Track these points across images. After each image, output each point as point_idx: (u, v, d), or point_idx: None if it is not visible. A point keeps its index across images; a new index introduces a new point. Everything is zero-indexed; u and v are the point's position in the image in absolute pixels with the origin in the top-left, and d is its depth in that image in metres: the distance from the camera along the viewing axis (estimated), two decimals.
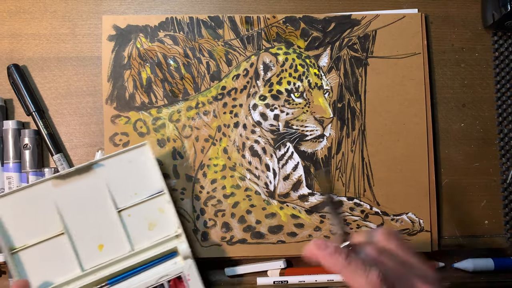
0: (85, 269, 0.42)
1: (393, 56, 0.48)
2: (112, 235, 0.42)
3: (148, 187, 0.43)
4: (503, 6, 0.46)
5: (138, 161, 0.43)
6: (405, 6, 0.50)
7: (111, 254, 0.42)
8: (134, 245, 0.43)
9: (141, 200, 0.43)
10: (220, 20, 0.48)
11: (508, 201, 0.49)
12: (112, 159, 0.43)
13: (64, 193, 0.42)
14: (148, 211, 0.43)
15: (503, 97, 0.50)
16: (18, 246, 0.41)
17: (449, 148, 0.49)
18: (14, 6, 0.48)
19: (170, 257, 0.43)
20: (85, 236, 0.42)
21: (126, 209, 0.43)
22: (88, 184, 0.42)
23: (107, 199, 0.42)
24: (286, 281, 0.46)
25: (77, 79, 0.48)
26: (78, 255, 0.42)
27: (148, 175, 0.43)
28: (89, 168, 0.42)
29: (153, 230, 0.43)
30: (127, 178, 0.43)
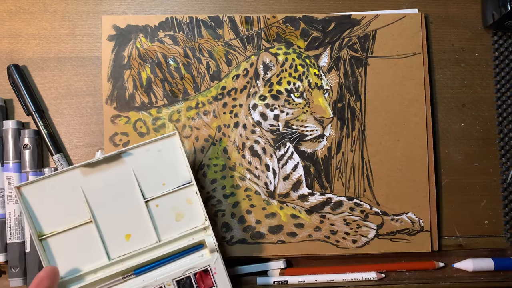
0: (112, 258, 0.41)
1: (393, 56, 0.48)
2: (140, 225, 0.42)
3: (176, 178, 0.43)
4: (503, 6, 0.46)
5: (166, 151, 0.43)
6: (405, 6, 0.50)
7: (138, 244, 0.42)
8: (161, 236, 0.42)
9: (169, 190, 0.43)
10: (220, 20, 0.48)
11: (508, 201, 0.49)
12: (141, 148, 0.42)
13: (92, 181, 0.42)
14: (176, 202, 0.43)
15: (503, 97, 0.50)
16: (47, 232, 0.41)
17: (449, 148, 0.49)
18: (14, 6, 0.48)
19: (197, 249, 0.43)
20: (113, 225, 0.42)
21: (154, 199, 0.42)
22: (117, 173, 0.42)
23: (135, 188, 0.42)
24: (286, 281, 0.46)
25: (77, 79, 0.48)
26: (105, 244, 0.42)
27: (177, 165, 0.43)
28: (118, 157, 0.42)
29: (180, 221, 0.43)
30: (155, 168, 0.42)
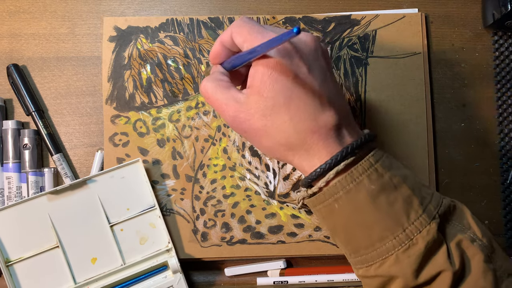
0: (78, 281, 0.43)
1: (393, 56, 0.48)
2: (105, 249, 0.44)
3: (140, 203, 0.45)
4: (503, 6, 0.46)
5: (130, 177, 0.45)
6: (405, 5, 0.50)
7: (103, 267, 0.43)
8: (126, 259, 0.44)
9: (133, 215, 0.44)
10: (220, 21, 0.48)
11: (508, 201, 0.49)
12: (105, 175, 0.44)
13: (58, 207, 0.43)
14: (140, 226, 0.45)
15: (503, 97, 0.50)
16: (14, 259, 0.42)
17: (449, 148, 0.49)
18: (14, 6, 0.48)
19: (161, 271, 0.45)
20: (79, 249, 0.43)
21: (118, 223, 0.44)
22: (82, 199, 0.44)
23: (100, 213, 0.44)
24: (286, 281, 0.46)
25: (77, 79, 0.48)
26: (71, 268, 0.43)
27: (140, 190, 0.45)
28: (83, 184, 0.44)
29: (144, 245, 0.44)
30: (120, 193, 0.44)
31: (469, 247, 0.30)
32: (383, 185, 0.31)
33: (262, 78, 0.31)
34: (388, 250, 0.30)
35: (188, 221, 0.46)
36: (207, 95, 0.34)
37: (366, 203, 0.30)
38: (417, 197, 0.31)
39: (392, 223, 0.30)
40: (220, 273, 0.48)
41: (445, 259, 0.30)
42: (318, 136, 0.31)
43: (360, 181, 0.31)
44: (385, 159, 0.32)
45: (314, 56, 0.32)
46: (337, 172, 0.31)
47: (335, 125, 0.32)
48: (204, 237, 0.46)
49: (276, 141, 0.32)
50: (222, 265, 0.47)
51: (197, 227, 0.46)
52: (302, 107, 0.31)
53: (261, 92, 0.31)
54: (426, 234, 0.30)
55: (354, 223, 0.31)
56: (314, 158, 0.32)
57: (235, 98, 0.32)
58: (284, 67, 0.31)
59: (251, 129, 0.32)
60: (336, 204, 0.31)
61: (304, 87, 0.31)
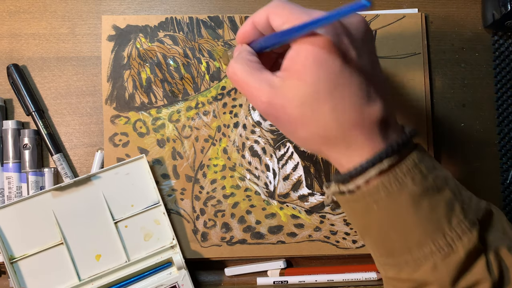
0: (82, 278, 0.43)
1: (393, 56, 0.48)
2: (109, 246, 0.44)
3: (144, 199, 0.45)
4: (503, 6, 0.46)
5: (135, 173, 0.45)
6: (405, 6, 0.50)
7: (108, 264, 0.43)
8: (130, 256, 0.44)
9: (138, 211, 0.44)
10: (220, 20, 0.48)
11: (508, 201, 0.49)
12: (109, 172, 0.44)
13: (63, 204, 0.43)
14: (144, 223, 0.45)
15: (503, 97, 0.50)
16: (18, 255, 0.42)
17: (449, 148, 0.49)
18: (14, 6, 0.48)
19: (165, 267, 0.45)
20: (83, 246, 0.43)
21: (123, 220, 0.44)
22: (86, 195, 0.44)
23: (104, 210, 0.44)
24: (286, 281, 0.46)
25: (77, 79, 0.48)
26: (75, 264, 0.43)
27: (145, 187, 0.45)
28: (88, 180, 0.44)
29: (149, 241, 0.44)
30: (124, 190, 0.44)
31: (507, 256, 0.29)
32: (427, 188, 0.28)
33: (305, 61, 0.27)
34: (426, 256, 0.28)
35: (188, 221, 0.46)
36: (235, 77, 0.30)
37: (408, 206, 0.28)
38: (458, 202, 0.29)
39: (433, 228, 0.28)
40: (220, 273, 0.48)
41: (484, 268, 0.28)
42: (362, 130, 0.28)
43: (404, 182, 0.28)
44: (428, 159, 0.29)
45: (364, 39, 0.29)
46: (380, 171, 0.28)
47: (381, 119, 0.28)
48: (204, 237, 0.46)
49: (313, 132, 0.29)
50: (222, 265, 0.48)
51: (197, 227, 0.46)
52: (347, 97, 0.28)
53: (302, 77, 0.27)
54: (467, 242, 0.28)
55: (392, 226, 0.29)
56: (355, 154, 0.29)
57: (269, 81, 0.29)
58: (332, 50, 0.27)
59: (286, 117, 0.29)
60: (375, 205, 0.28)
61: (352, 74, 0.28)
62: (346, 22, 0.29)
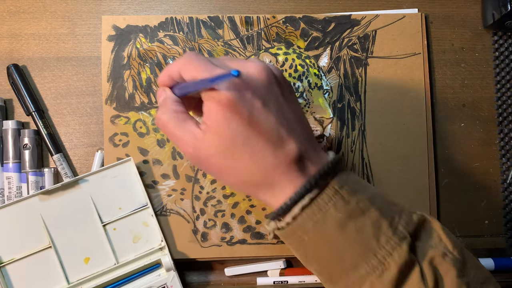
0: (71, 281, 0.43)
1: (393, 56, 0.48)
2: (98, 249, 0.44)
3: (133, 202, 0.45)
4: (503, 6, 0.46)
5: (122, 176, 0.45)
6: (405, 6, 0.50)
7: (96, 267, 0.43)
8: (119, 258, 0.44)
9: (126, 214, 0.44)
10: (220, 20, 0.48)
11: (508, 201, 0.49)
12: (97, 175, 0.44)
13: (50, 207, 0.43)
14: (133, 225, 0.45)
15: (503, 97, 0.50)
16: (6, 260, 0.42)
17: (449, 148, 0.49)
18: (14, 6, 0.48)
19: (154, 269, 0.45)
20: (71, 249, 0.43)
21: (111, 223, 0.44)
22: (74, 199, 0.44)
23: (92, 213, 0.44)
24: (286, 281, 0.46)
25: (77, 79, 0.48)
26: (64, 268, 0.43)
27: (133, 189, 0.45)
28: (75, 184, 0.44)
29: (137, 243, 0.44)
30: (112, 192, 0.44)
31: (442, 263, 0.30)
32: (350, 212, 0.30)
33: (216, 117, 0.30)
34: (362, 278, 0.29)
35: (188, 221, 0.46)
36: (164, 129, 0.33)
37: (335, 232, 0.30)
38: (385, 219, 0.30)
39: (363, 249, 0.29)
40: (220, 273, 0.48)
41: (418, 280, 0.29)
42: (280, 172, 0.30)
43: (327, 210, 0.30)
44: (350, 183, 0.31)
45: (267, 88, 0.31)
46: (303, 207, 0.30)
47: (296, 157, 0.30)
48: (204, 237, 0.46)
49: (239, 179, 0.31)
50: (222, 265, 0.47)
51: (197, 227, 0.46)
52: (261, 145, 0.30)
53: (217, 133, 0.30)
54: (397, 257, 0.29)
55: (325, 253, 0.30)
56: (279, 194, 0.31)
57: (193, 134, 0.31)
58: (236, 105, 0.29)
59: (212, 168, 0.32)
60: (306, 237, 0.30)
61: (260, 124, 0.30)
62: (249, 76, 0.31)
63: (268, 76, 0.32)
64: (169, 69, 0.33)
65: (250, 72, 0.31)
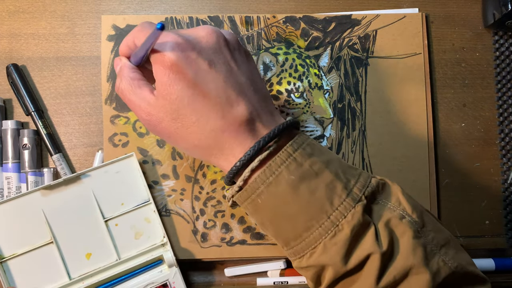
0: (73, 277, 0.43)
1: (393, 56, 0.48)
2: (100, 244, 0.43)
3: (135, 197, 0.45)
4: (504, 6, 0.46)
5: (125, 171, 0.44)
6: (405, 5, 0.50)
7: (98, 263, 0.43)
8: (121, 254, 0.44)
9: (128, 210, 0.44)
10: (220, 20, 0.48)
11: (509, 201, 0.49)
12: (99, 170, 0.44)
13: (52, 203, 0.43)
14: (135, 221, 0.44)
15: (504, 97, 0.50)
16: (7, 255, 0.42)
17: (450, 148, 0.49)
18: (13, 6, 0.48)
19: (156, 265, 0.44)
20: (73, 245, 0.43)
21: (113, 218, 0.44)
22: (76, 194, 0.43)
23: (94, 209, 0.44)
24: (286, 282, 0.46)
25: (76, 79, 0.48)
26: (66, 263, 0.43)
27: (135, 185, 0.45)
28: (77, 179, 0.44)
29: (139, 239, 0.44)
30: (114, 188, 0.44)
31: (398, 225, 0.30)
32: (303, 174, 0.29)
33: (162, 79, 0.30)
34: (316, 239, 0.29)
35: (188, 221, 0.46)
36: (122, 96, 0.33)
37: (288, 194, 0.29)
38: (340, 181, 0.30)
39: (316, 211, 0.29)
40: (220, 273, 0.47)
41: (372, 241, 0.29)
42: (229, 134, 0.30)
43: (279, 173, 0.29)
44: (305, 146, 0.31)
45: (215, 50, 0.31)
46: (253, 170, 0.30)
47: (246, 120, 0.30)
48: (204, 238, 0.46)
49: (189, 143, 0.31)
50: (222, 265, 0.47)
51: (197, 227, 0.46)
52: (208, 106, 0.30)
53: (164, 95, 0.30)
54: (351, 218, 0.29)
55: (280, 216, 0.30)
56: (230, 157, 0.31)
57: (147, 99, 0.31)
58: (180, 65, 0.29)
59: (164, 132, 0.32)
60: (259, 199, 0.30)
61: (207, 84, 0.30)
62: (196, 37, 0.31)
63: (217, 39, 0.32)
64: (126, 39, 0.34)
65: (199, 35, 0.31)
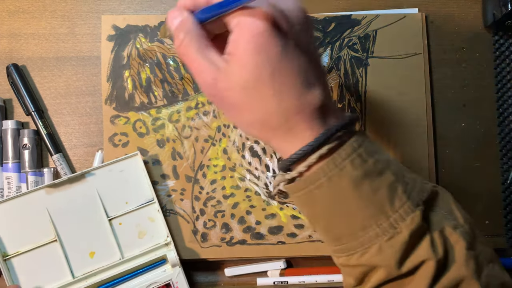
0: (76, 276, 0.43)
1: (393, 56, 0.48)
2: (103, 243, 0.43)
3: (139, 196, 0.45)
4: (504, 6, 0.46)
5: (129, 170, 0.44)
6: (405, 5, 0.50)
7: (102, 262, 0.43)
8: (124, 253, 0.44)
9: (132, 209, 0.44)
10: None
11: (508, 201, 0.49)
12: (103, 169, 0.44)
13: (57, 201, 0.43)
14: (139, 220, 0.44)
15: (503, 97, 0.50)
16: (11, 253, 0.42)
17: (450, 148, 0.49)
18: (13, 6, 0.48)
19: (159, 264, 0.44)
20: (77, 243, 0.43)
21: (117, 217, 0.44)
22: (80, 192, 0.43)
23: (98, 207, 0.44)
24: (286, 282, 0.46)
25: (76, 79, 0.48)
26: (69, 262, 0.43)
27: (139, 184, 0.45)
28: (82, 177, 0.44)
29: (143, 239, 0.44)
30: (118, 187, 0.44)
31: (452, 234, 0.29)
32: (367, 171, 0.29)
33: (247, 46, 0.28)
34: (371, 239, 0.29)
35: (188, 221, 0.46)
36: (184, 53, 0.30)
37: (349, 190, 0.29)
38: (401, 184, 0.29)
39: (376, 211, 0.29)
40: (220, 273, 0.47)
41: (428, 247, 0.28)
42: (302, 116, 0.29)
43: (343, 167, 0.28)
44: (368, 143, 0.30)
45: (302, 27, 0.29)
46: (320, 157, 0.29)
47: (321, 105, 0.29)
48: (204, 238, 0.46)
49: (256, 117, 0.29)
50: (222, 265, 0.47)
51: (197, 227, 0.46)
52: (288, 83, 0.28)
53: (244, 62, 0.28)
54: (410, 222, 0.28)
55: (336, 211, 0.29)
56: (296, 140, 0.29)
57: (215, 62, 0.29)
58: (272, 36, 0.27)
59: (229, 101, 0.29)
60: (318, 191, 0.29)
61: (292, 61, 0.28)
62: (286, 10, 0.29)
63: (306, 17, 0.30)
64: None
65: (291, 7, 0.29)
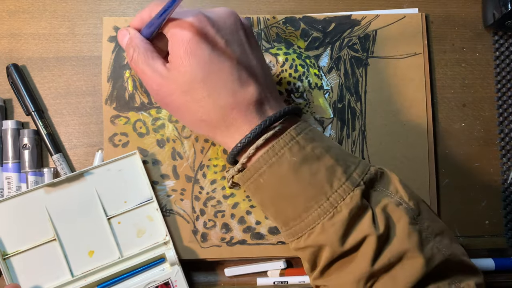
0: (75, 274, 0.43)
1: (393, 56, 0.48)
2: (102, 242, 0.44)
3: (137, 195, 0.45)
4: (504, 6, 0.46)
5: (127, 170, 0.45)
6: (405, 6, 0.50)
7: (100, 260, 0.43)
8: (123, 252, 0.44)
9: (131, 208, 0.44)
10: None
11: (508, 201, 0.49)
12: (102, 168, 0.44)
13: (56, 200, 0.43)
14: (137, 219, 0.45)
15: (504, 97, 0.50)
16: (11, 251, 0.42)
17: (450, 148, 0.49)
18: (13, 6, 0.48)
19: (158, 263, 0.45)
20: (76, 242, 0.43)
21: (115, 216, 0.44)
22: (79, 191, 0.44)
23: (97, 206, 0.44)
24: (286, 282, 0.46)
25: (77, 79, 0.48)
26: (68, 261, 0.43)
27: (138, 183, 0.45)
28: (80, 176, 0.44)
29: (141, 237, 0.44)
30: (117, 186, 0.44)
31: (395, 211, 0.31)
32: (305, 157, 0.31)
33: (178, 52, 0.31)
34: (314, 220, 0.30)
35: (188, 221, 0.46)
36: (135, 66, 0.34)
37: (289, 175, 0.31)
38: (340, 166, 0.31)
39: (316, 192, 0.30)
40: (220, 273, 0.47)
41: (369, 224, 0.30)
42: (238, 112, 0.31)
43: (282, 154, 0.31)
44: (308, 131, 0.32)
45: (232, 29, 0.33)
46: (258, 147, 0.31)
47: (256, 100, 0.32)
48: (204, 238, 0.46)
49: (197, 117, 0.32)
50: (222, 265, 0.47)
51: (197, 227, 0.46)
52: (220, 83, 0.31)
53: (178, 67, 0.31)
54: (349, 201, 0.30)
55: (280, 196, 0.31)
56: (236, 134, 0.32)
57: (159, 71, 0.32)
58: (199, 41, 0.31)
59: (173, 105, 0.33)
60: (261, 179, 0.31)
61: (222, 62, 0.31)
62: (215, 16, 0.32)
63: (235, 21, 0.33)
64: (141, 12, 0.35)
65: (218, 13, 0.33)
